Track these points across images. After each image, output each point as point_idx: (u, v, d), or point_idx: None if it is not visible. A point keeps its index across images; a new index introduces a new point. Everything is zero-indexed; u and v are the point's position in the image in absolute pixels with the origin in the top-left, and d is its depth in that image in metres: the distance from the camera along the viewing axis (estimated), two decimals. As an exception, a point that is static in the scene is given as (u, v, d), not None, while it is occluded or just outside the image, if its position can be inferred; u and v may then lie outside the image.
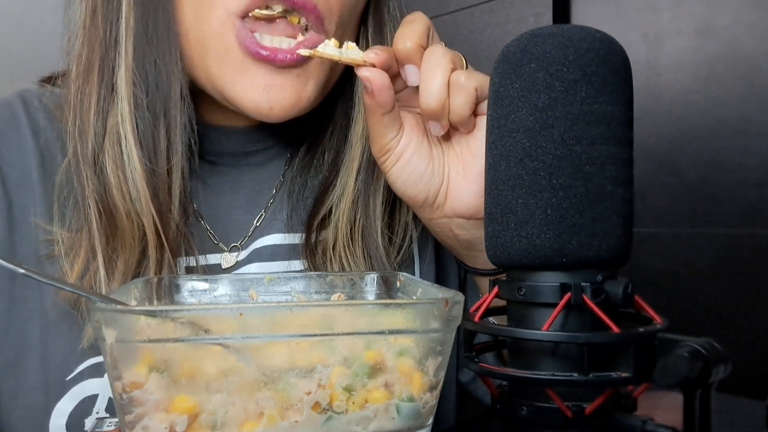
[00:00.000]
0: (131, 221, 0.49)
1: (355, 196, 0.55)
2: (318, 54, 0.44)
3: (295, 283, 0.46)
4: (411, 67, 0.45)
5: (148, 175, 0.49)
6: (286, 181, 0.59)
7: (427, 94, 0.44)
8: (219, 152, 0.58)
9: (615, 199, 0.30)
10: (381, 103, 0.44)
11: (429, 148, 0.48)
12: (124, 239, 0.49)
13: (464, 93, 0.44)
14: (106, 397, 0.50)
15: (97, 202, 0.49)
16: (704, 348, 0.26)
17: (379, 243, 0.55)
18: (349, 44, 0.44)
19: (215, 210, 0.57)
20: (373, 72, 0.43)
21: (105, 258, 0.48)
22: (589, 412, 0.29)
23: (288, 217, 0.57)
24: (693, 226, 0.88)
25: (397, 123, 0.46)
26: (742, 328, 0.84)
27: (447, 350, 0.36)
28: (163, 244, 0.49)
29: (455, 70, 0.44)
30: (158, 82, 0.49)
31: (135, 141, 0.49)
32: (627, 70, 0.31)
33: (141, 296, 0.42)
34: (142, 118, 0.49)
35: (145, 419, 0.32)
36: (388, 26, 0.56)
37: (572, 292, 0.30)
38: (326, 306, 0.39)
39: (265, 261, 0.56)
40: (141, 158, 0.48)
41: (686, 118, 0.88)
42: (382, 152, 0.47)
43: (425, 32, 0.45)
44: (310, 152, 0.59)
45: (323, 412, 0.34)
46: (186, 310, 0.36)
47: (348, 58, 0.44)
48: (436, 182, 0.48)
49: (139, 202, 0.48)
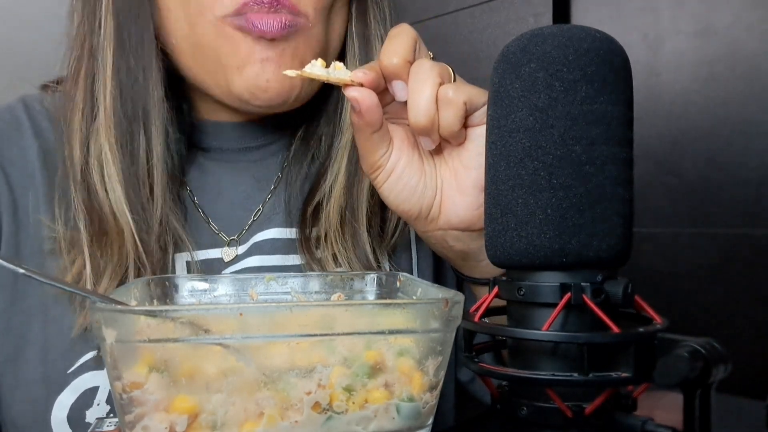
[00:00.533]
0: (115, 222, 0.51)
1: (347, 181, 0.57)
2: (306, 74, 0.43)
3: (294, 283, 0.47)
4: (398, 83, 0.44)
5: (125, 177, 0.51)
6: (284, 175, 0.61)
7: (415, 111, 0.43)
8: (218, 148, 0.60)
9: (615, 199, 0.30)
10: (369, 122, 0.44)
11: (420, 162, 0.47)
12: (111, 240, 0.51)
13: (453, 107, 0.43)
14: (106, 389, 0.50)
15: (83, 203, 0.51)
16: (704, 348, 0.26)
17: (365, 232, 0.57)
18: (337, 64, 0.43)
19: (215, 204, 0.58)
20: (362, 92, 0.43)
21: (91, 257, 0.51)
22: (589, 412, 0.29)
23: (287, 212, 0.59)
24: (693, 226, 0.88)
25: (387, 139, 0.46)
26: (742, 328, 0.84)
27: (447, 350, 0.36)
28: (138, 247, 0.51)
29: (443, 84, 0.43)
30: (134, 89, 0.52)
31: (111, 146, 0.51)
32: (627, 70, 0.31)
33: (141, 296, 0.42)
34: (118, 125, 0.52)
35: (145, 419, 0.32)
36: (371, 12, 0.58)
37: (572, 292, 0.30)
38: (326, 306, 0.39)
39: (266, 254, 0.57)
40: (118, 162, 0.51)
41: (686, 118, 0.89)
42: (372, 169, 0.47)
43: (411, 46, 0.44)
44: (306, 139, 0.61)
45: (323, 412, 0.34)
46: (186, 310, 0.36)
47: (336, 77, 0.43)
48: (429, 195, 0.47)
49: (117, 203, 0.51)
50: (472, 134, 0.46)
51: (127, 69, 0.52)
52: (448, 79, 0.44)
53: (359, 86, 0.43)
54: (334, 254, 0.56)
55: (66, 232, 0.52)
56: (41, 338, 0.51)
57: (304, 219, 0.58)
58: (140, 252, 0.51)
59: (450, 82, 0.44)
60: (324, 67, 0.43)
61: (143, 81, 0.52)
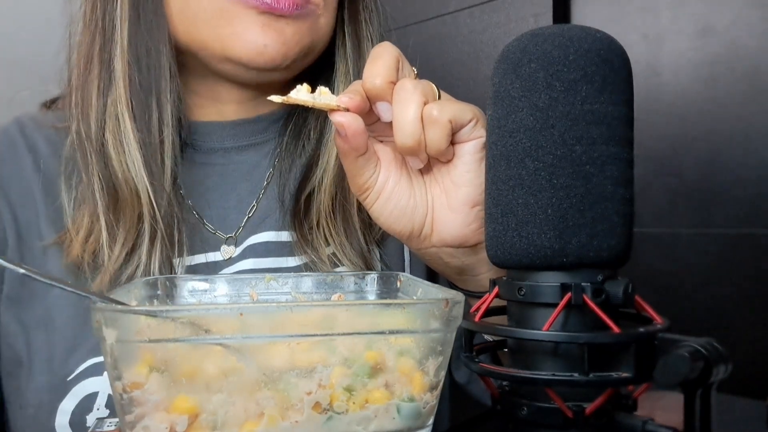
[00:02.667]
0: (129, 189, 0.54)
1: (335, 173, 0.59)
2: (291, 100, 0.42)
3: (295, 283, 0.47)
4: (383, 104, 0.43)
5: (142, 145, 0.54)
6: (275, 171, 0.62)
7: (401, 133, 0.42)
8: (210, 148, 0.62)
9: (615, 199, 0.30)
10: (355, 147, 0.43)
11: (409, 181, 0.47)
12: (124, 207, 0.54)
13: (438, 126, 0.42)
14: (105, 394, 0.51)
15: (100, 173, 0.55)
16: (705, 348, 0.26)
17: (356, 219, 0.59)
18: (322, 89, 0.42)
19: (208, 205, 0.60)
20: (347, 117, 0.42)
21: (108, 224, 0.53)
22: (589, 412, 0.29)
23: (281, 206, 0.60)
24: (693, 226, 0.88)
25: (374, 160, 0.45)
26: (742, 328, 0.84)
27: (447, 350, 0.36)
28: (155, 209, 0.54)
29: (427, 104, 0.42)
30: (149, 62, 0.55)
31: (130, 115, 0.54)
32: (627, 70, 0.31)
33: (141, 296, 0.42)
34: (136, 95, 0.55)
35: (146, 419, 0.32)
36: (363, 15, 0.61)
37: (573, 292, 0.30)
38: (326, 306, 0.39)
39: (260, 257, 0.58)
40: (135, 130, 0.54)
41: (686, 118, 0.89)
42: (361, 191, 0.46)
43: (394, 66, 0.43)
44: (295, 134, 0.63)
45: (324, 412, 0.34)
46: (186, 310, 0.36)
47: (321, 102, 0.42)
48: (420, 214, 0.46)
49: (134, 169, 0.54)
50: (460, 150, 0.45)
51: (141, 43, 0.55)
52: (433, 98, 0.43)
53: (345, 111, 0.42)
54: (326, 240, 0.58)
55: (75, 207, 0.55)
56: (46, 347, 0.53)
57: (297, 209, 0.59)
58: (157, 217, 0.54)
59: (434, 100, 0.43)
60: (309, 93, 0.42)
61: (156, 55, 0.55)
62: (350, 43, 0.60)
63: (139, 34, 0.55)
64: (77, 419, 0.51)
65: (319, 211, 0.59)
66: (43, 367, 0.52)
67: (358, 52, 0.60)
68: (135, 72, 0.55)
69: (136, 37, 0.55)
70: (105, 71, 0.55)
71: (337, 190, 0.59)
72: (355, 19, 0.60)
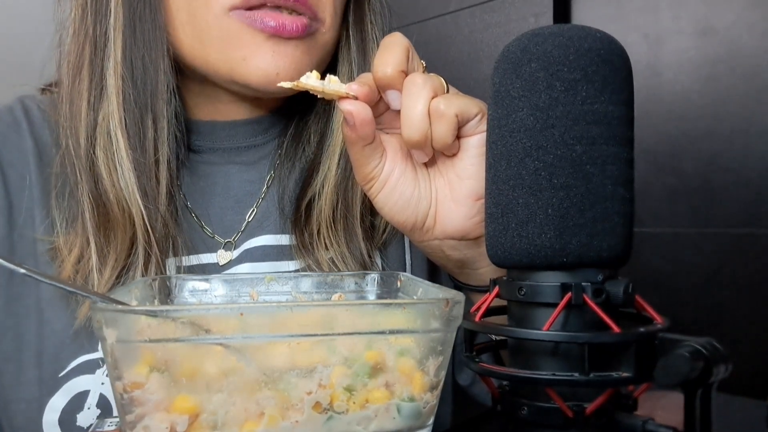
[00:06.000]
0: (122, 210, 0.51)
1: (337, 181, 0.58)
2: (301, 86, 0.42)
3: (295, 283, 0.46)
4: (392, 92, 0.44)
5: (136, 166, 0.51)
6: (276, 174, 0.61)
7: (408, 126, 0.43)
8: (209, 148, 0.60)
9: (616, 199, 0.30)
10: (362, 136, 0.43)
11: (414, 173, 0.47)
12: (115, 229, 0.51)
13: (445, 121, 0.43)
14: (97, 393, 0.51)
15: (90, 192, 0.51)
16: (705, 348, 0.26)
17: (358, 227, 0.58)
18: (332, 77, 0.43)
19: (207, 207, 0.59)
20: (356, 105, 0.42)
21: (97, 246, 0.51)
22: (589, 412, 0.29)
23: (280, 211, 0.59)
24: (693, 226, 0.88)
25: (380, 150, 0.45)
26: (742, 328, 0.84)
27: (448, 350, 0.36)
28: (149, 233, 0.51)
29: (435, 98, 0.43)
30: (145, 77, 0.52)
31: (123, 133, 0.51)
32: (628, 69, 0.31)
33: (142, 296, 0.42)
34: (129, 112, 0.52)
35: (146, 419, 0.32)
36: (368, 17, 0.59)
37: (573, 291, 0.30)
38: (327, 306, 0.39)
39: (257, 261, 0.57)
40: (128, 149, 0.51)
41: (686, 118, 0.89)
42: (366, 180, 0.46)
43: (404, 56, 0.43)
44: (296, 137, 0.62)
45: (324, 412, 0.34)
46: (186, 310, 0.36)
47: (330, 90, 0.42)
48: (424, 206, 0.47)
49: (127, 191, 0.51)
50: (466, 144, 0.45)
51: (137, 56, 0.52)
52: (441, 91, 0.44)
53: (354, 99, 0.43)
54: (326, 247, 0.57)
55: (63, 223, 0.52)
56: (36, 340, 0.52)
57: (297, 215, 0.58)
58: (151, 240, 0.51)
59: (443, 94, 0.44)
60: (319, 79, 0.43)
61: (153, 69, 0.52)
62: (355, 46, 0.59)
63: (135, 46, 0.52)
64: (67, 417, 0.50)
65: (319, 219, 0.57)
66: (32, 361, 0.51)
67: (363, 55, 0.59)
68: (129, 87, 0.52)
69: (131, 50, 0.52)
70: (96, 85, 0.52)
71: (339, 198, 0.58)
72: (360, 20, 0.59)
